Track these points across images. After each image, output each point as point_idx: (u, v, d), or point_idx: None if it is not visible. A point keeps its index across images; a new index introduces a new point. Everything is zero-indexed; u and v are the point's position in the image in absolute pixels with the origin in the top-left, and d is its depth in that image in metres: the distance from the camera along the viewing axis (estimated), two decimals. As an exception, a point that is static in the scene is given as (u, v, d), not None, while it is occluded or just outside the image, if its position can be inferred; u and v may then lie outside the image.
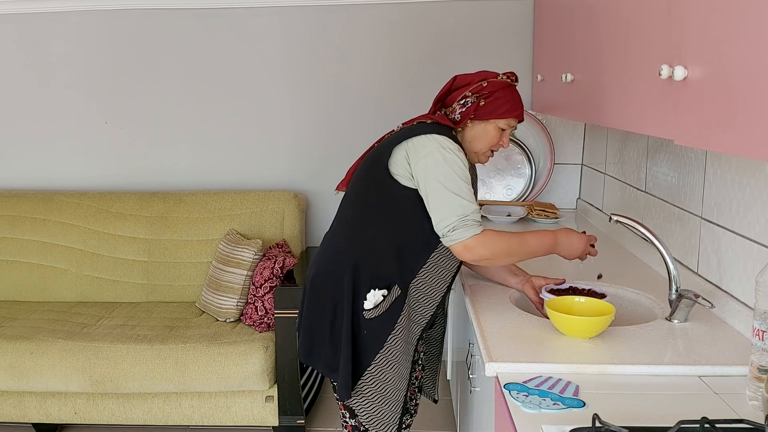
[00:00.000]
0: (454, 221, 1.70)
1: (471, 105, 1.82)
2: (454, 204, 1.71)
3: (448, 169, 1.72)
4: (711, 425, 1.10)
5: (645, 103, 1.50)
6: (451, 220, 1.71)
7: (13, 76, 3.39)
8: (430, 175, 1.72)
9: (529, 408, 1.26)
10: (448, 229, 1.71)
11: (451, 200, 1.71)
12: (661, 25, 1.40)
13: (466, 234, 1.71)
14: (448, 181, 1.71)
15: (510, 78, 1.87)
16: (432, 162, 1.72)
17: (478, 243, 1.72)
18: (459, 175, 1.73)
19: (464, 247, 1.72)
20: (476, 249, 1.72)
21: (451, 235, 1.71)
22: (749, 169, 1.60)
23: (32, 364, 2.66)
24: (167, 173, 3.43)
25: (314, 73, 3.30)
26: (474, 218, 1.72)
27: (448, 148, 1.73)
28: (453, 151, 1.74)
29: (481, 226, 1.74)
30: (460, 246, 1.72)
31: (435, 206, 1.73)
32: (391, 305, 1.78)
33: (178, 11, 3.27)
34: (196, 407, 2.74)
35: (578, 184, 3.27)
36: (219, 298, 2.93)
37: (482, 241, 1.72)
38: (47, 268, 3.21)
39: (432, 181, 1.72)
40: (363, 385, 1.80)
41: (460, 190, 1.72)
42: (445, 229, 1.72)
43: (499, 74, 1.87)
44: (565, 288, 1.88)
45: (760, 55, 0.98)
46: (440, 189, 1.72)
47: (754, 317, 1.27)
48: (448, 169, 1.72)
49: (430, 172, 1.72)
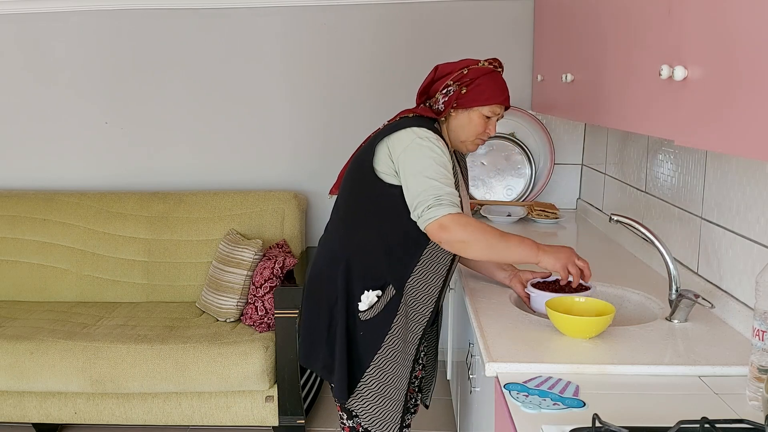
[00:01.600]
0: (428, 201, 1.66)
1: (453, 93, 1.80)
2: (427, 186, 1.67)
3: (423, 156, 1.69)
4: (711, 425, 1.10)
5: (645, 103, 1.50)
6: (424, 198, 1.66)
7: (13, 76, 3.39)
8: (407, 166, 1.70)
9: (529, 408, 1.26)
10: (422, 209, 1.66)
11: (425, 183, 1.67)
12: (662, 25, 1.40)
13: (440, 212, 1.65)
14: (423, 167, 1.68)
15: (493, 64, 1.83)
16: (410, 152, 1.70)
17: (453, 222, 1.65)
18: (436, 161, 1.69)
19: (439, 226, 1.65)
20: (452, 228, 1.65)
21: (426, 213, 1.65)
22: (749, 169, 1.60)
23: (32, 364, 2.66)
24: (167, 173, 3.43)
25: (314, 72, 3.30)
26: (450, 199, 1.67)
27: (425, 137, 1.71)
28: (429, 140, 1.71)
29: (458, 209, 1.68)
30: (435, 225, 1.65)
31: (410, 193, 1.70)
32: (386, 305, 1.78)
33: (178, 11, 3.27)
34: (196, 407, 2.74)
35: (578, 184, 3.27)
36: (219, 298, 2.93)
37: (458, 220, 1.66)
38: (47, 268, 3.21)
39: (408, 170, 1.70)
40: (362, 387, 1.80)
41: (436, 173, 1.68)
42: (419, 210, 1.67)
43: (481, 61, 1.83)
44: (551, 281, 1.85)
45: (760, 55, 0.98)
46: (415, 175, 1.69)
47: (754, 317, 1.27)
48: (423, 156, 1.69)
49: (408, 164, 1.70)
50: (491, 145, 3.21)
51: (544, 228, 2.87)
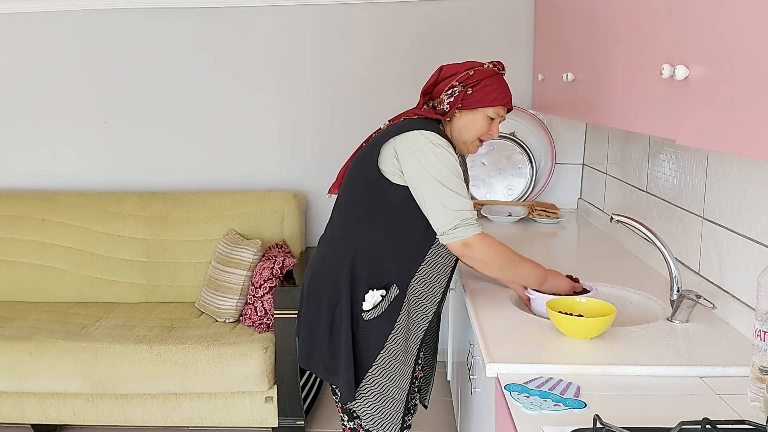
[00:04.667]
0: (455, 221, 1.70)
1: (458, 94, 1.80)
2: (452, 202, 1.70)
3: (441, 166, 1.70)
4: (712, 426, 1.10)
5: (646, 102, 1.50)
6: (451, 218, 1.70)
7: (13, 76, 3.39)
8: (423, 173, 1.71)
9: (529, 409, 1.26)
10: (449, 227, 1.70)
11: (449, 198, 1.70)
12: (663, 24, 1.39)
13: (469, 232, 1.70)
14: (443, 178, 1.70)
15: (497, 67, 1.85)
16: (423, 159, 1.70)
17: (478, 242, 1.72)
18: (453, 171, 1.72)
19: (464, 245, 1.71)
20: (476, 248, 1.72)
21: (453, 233, 1.70)
22: (751, 169, 1.60)
23: (31, 365, 2.65)
24: (166, 173, 3.43)
25: (314, 72, 3.29)
26: (473, 216, 1.73)
27: (438, 143, 1.72)
28: (443, 147, 1.72)
29: (481, 228, 1.74)
30: (459, 243, 1.71)
31: (433, 205, 1.71)
32: (390, 305, 1.77)
33: (178, 11, 3.27)
34: (195, 408, 2.73)
35: (579, 183, 3.27)
36: (218, 298, 2.92)
37: (483, 241, 1.73)
38: (46, 269, 3.20)
39: (427, 179, 1.70)
40: (364, 387, 1.79)
41: (456, 186, 1.71)
42: (445, 227, 1.71)
43: (485, 63, 1.85)
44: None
45: (761, 54, 0.98)
46: (436, 187, 1.70)
47: (755, 318, 1.27)
48: (441, 165, 1.70)
49: (423, 170, 1.70)
50: (492, 145, 3.20)
51: (545, 228, 2.86)
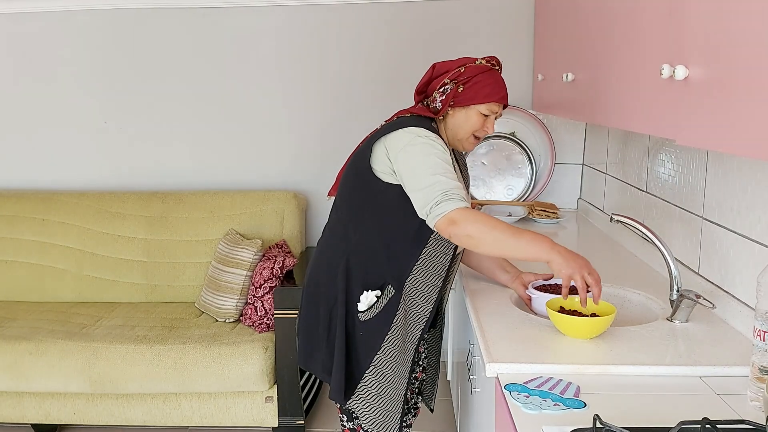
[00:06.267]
0: (437, 197, 1.62)
1: (450, 92, 1.79)
2: (433, 182, 1.64)
3: (425, 153, 1.67)
4: (712, 426, 1.10)
5: (646, 102, 1.50)
6: (432, 195, 1.62)
7: (13, 76, 3.38)
8: (408, 163, 1.69)
9: (529, 409, 1.26)
10: (431, 206, 1.62)
11: (431, 179, 1.64)
12: (662, 24, 1.39)
13: (449, 206, 1.60)
14: (426, 163, 1.66)
15: (490, 62, 1.81)
16: (411, 150, 1.69)
17: (463, 216, 1.59)
18: (438, 156, 1.67)
19: (449, 221, 1.60)
20: (462, 223, 1.59)
21: (435, 209, 1.61)
22: (751, 169, 1.60)
23: (31, 365, 2.65)
24: (167, 173, 3.43)
25: (314, 72, 3.29)
26: (458, 193, 1.63)
27: (424, 136, 1.70)
28: (429, 138, 1.70)
29: (466, 203, 1.65)
30: (444, 220, 1.60)
31: (415, 188, 1.66)
32: (385, 305, 1.77)
33: (177, 11, 3.27)
34: (195, 408, 2.74)
35: (579, 183, 3.27)
36: (218, 298, 2.92)
37: (468, 215, 1.60)
38: (46, 268, 3.20)
39: (411, 167, 1.68)
40: (362, 387, 1.79)
41: (441, 168, 1.65)
42: (427, 207, 1.63)
43: (479, 59, 1.82)
44: (552, 283, 1.85)
45: (761, 55, 0.98)
46: (419, 171, 1.66)
47: (755, 318, 1.27)
48: (425, 152, 1.67)
49: (409, 161, 1.69)
50: (492, 145, 3.20)
51: (545, 228, 2.86)
